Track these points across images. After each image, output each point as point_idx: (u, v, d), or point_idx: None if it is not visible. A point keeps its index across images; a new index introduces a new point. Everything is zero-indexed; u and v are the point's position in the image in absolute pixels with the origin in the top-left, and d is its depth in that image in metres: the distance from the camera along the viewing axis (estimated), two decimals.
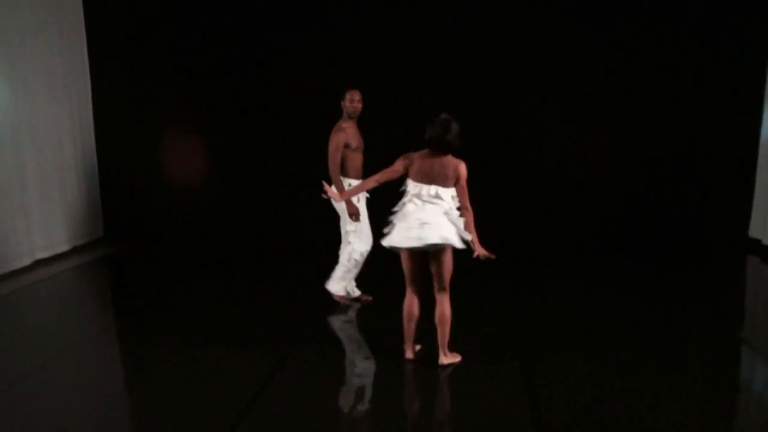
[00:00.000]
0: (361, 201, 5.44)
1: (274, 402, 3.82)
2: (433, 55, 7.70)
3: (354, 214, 5.34)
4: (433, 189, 4.07)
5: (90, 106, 8.34)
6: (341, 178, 5.35)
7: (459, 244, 4.06)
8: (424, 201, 4.08)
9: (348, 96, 5.34)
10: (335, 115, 5.44)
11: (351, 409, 3.87)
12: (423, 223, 4.03)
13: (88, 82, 8.30)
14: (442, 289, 4.17)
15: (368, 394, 4.11)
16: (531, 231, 8.07)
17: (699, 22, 7.66)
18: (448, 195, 4.09)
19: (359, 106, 5.35)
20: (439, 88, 7.46)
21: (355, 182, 5.37)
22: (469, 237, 4.12)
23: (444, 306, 4.17)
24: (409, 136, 4.47)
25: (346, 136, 5.31)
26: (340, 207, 5.40)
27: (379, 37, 7.71)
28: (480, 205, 4.25)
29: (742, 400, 4.08)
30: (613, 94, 7.89)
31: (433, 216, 4.05)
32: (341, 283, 5.58)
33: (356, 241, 5.43)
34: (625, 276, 6.83)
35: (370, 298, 5.71)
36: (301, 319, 5.33)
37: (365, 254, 5.47)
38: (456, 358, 4.32)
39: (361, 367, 4.52)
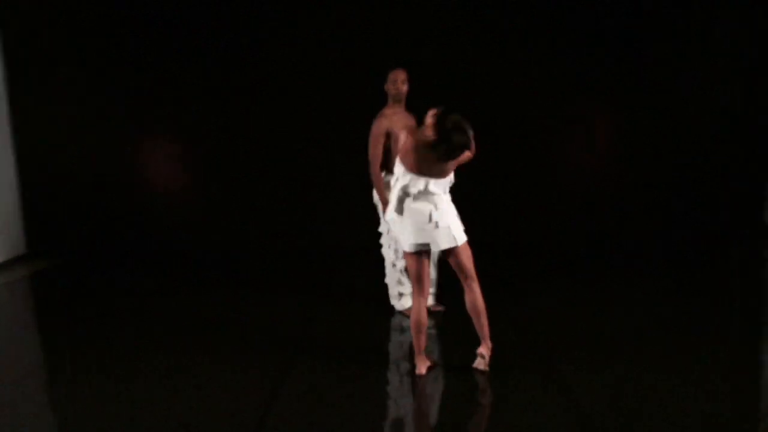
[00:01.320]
0: None
1: (283, 420, 3.37)
2: (433, 55, 7.39)
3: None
4: (431, 181, 3.77)
5: (6, 110, 7.32)
6: (384, 174, 4.70)
7: (464, 236, 3.88)
8: (426, 195, 3.78)
9: (391, 77, 4.78)
10: (323, 116, 5.16)
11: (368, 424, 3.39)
12: (435, 224, 3.75)
13: (4, 86, 7.29)
14: (468, 278, 3.88)
15: (385, 407, 3.66)
16: (530, 229, 7.77)
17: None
18: (445, 185, 3.85)
19: (403, 87, 4.75)
20: (439, 87, 6.98)
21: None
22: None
23: (475, 294, 3.87)
24: None
25: (389, 122, 4.66)
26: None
27: (378, 37, 7.35)
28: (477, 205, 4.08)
29: None
30: (620, 90, 7.70)
31: (439, 213, 3.79)
32: (399, 299, 4.99)
33: (386, 250, 4.94)
34: (642, 271, 6.49)
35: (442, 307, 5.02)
36: (294, 330, 4.80)
37: (400, 266, 4.91)
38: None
39: (373, 380, 3.96)
